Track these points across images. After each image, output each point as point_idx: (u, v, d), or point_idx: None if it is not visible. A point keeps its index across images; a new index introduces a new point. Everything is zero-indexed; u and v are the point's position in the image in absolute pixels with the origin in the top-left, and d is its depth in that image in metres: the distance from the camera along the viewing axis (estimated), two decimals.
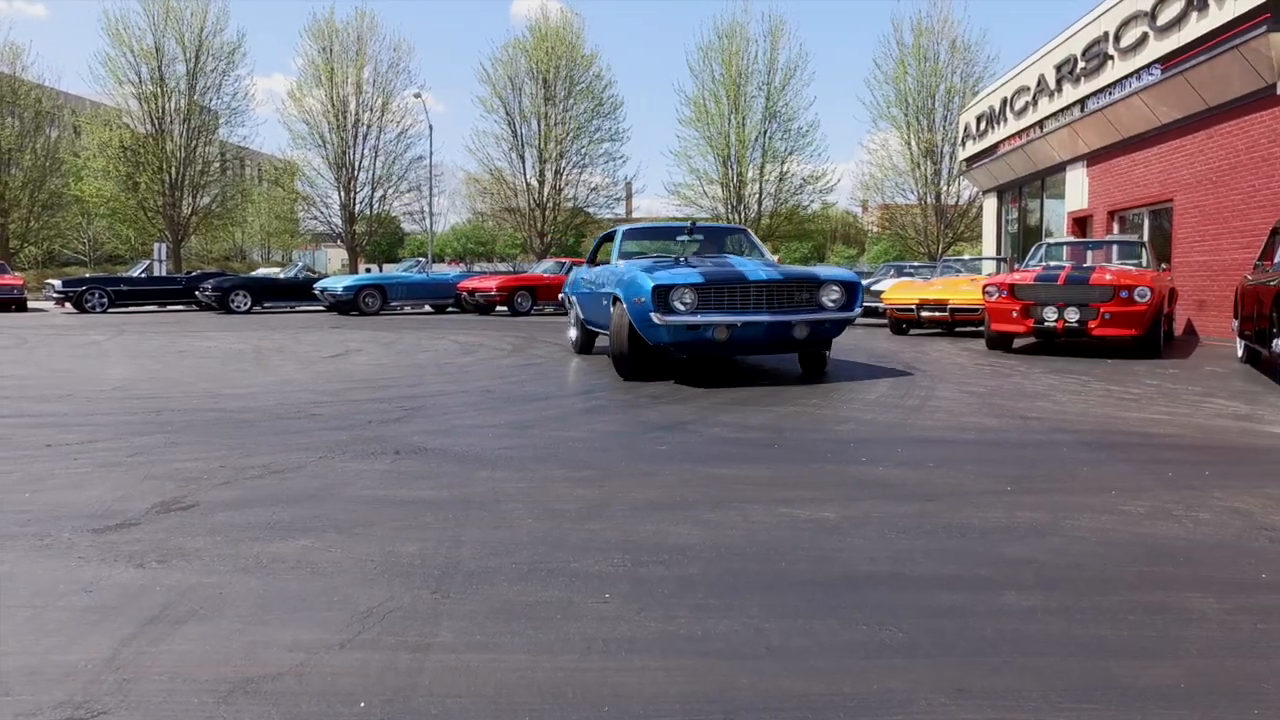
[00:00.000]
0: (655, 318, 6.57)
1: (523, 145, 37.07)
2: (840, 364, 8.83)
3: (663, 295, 6.67)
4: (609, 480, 3.84)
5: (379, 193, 37.78)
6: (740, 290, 6.86)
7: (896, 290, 13.79)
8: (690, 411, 5.72)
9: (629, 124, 69.73)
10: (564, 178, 37.39)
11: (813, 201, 36.78)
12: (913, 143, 33.14)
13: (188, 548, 2.85)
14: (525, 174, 37.20)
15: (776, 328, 6.82)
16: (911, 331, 13.55)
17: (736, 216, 34.46)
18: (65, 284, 21.51)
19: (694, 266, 7.16)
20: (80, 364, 8.88)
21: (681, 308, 6.69)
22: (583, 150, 37.34)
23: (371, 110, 36.71)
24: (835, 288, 7.09)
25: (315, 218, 39.00)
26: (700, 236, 8.76)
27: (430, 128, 47.02)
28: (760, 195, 35.50)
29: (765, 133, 34.92)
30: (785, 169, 35.33)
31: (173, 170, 33.80)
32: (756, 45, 34.60)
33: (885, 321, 14.20)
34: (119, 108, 33.75)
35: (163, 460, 4.21)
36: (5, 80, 33.99)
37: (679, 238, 8.65)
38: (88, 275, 26.74)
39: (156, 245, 30.05)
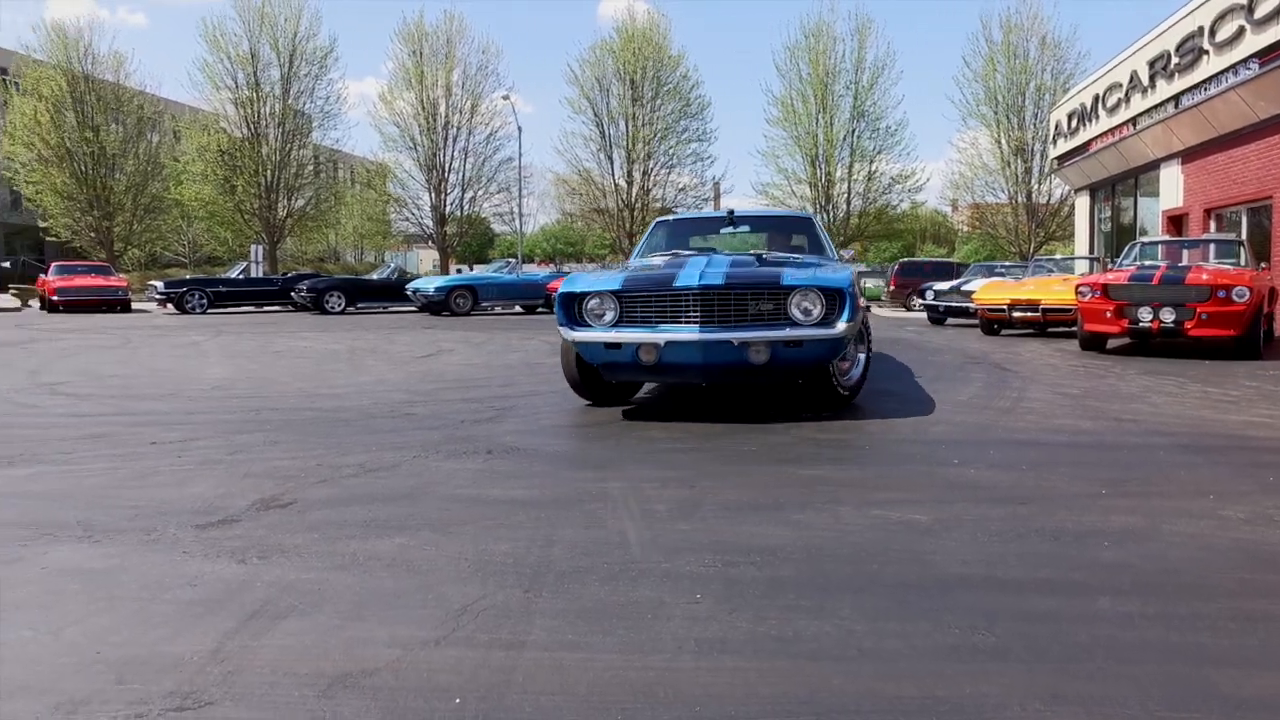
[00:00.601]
0: (565, 333, 5.42)
1: (611, 146, 37.38)
2: (929, 364, 8.64)
3: (575, 305, 5.42)
4: (699, 481, 3.81)
5: (469, 194, 38.57)
6: (670, 299, 5.24)
7: (988, 290, 13.66)
8: (774, 414, 5.65)
9: (716, 124, 69.54)
10: (652, 178, 37.56)
11: (902, 201, 36.45)
12: (1003, 141, 32.48)
13: (287, 544, 2.92)
14: (613, 175, 37.53)
15: (716, 349, 5.12)
16: (1003, 332, 13.30)
17: (826, 216, 34.29)
18: (167, 285, 22.46)
19: (623, 271, 5.84)
20: (181, 364, 9.26)
21: (594, 322, 5.38)
22: (670, 150, 37.50)
23: (461, 112, 37.47)
24: (811, 296, 5.15)
25: (407, 219, 40.02)
26: (746, 227, 7.38)
27: (519, 129, 47.71)
28: (849, 195, 35.23)
29: (853, 132, 34.62)
30: (874, 168, 35.03)
31: (268, 173, 35.02)
32: (843, 44, 34.32)
33: (976, 322, 13.98)
34: (216, 112, 35.07)
35: (261, 459, 4.34)
36: (109, 88, 35.10)
37: (722, 230, 7.34)
38: (188, 277, 27.81)
39: (253, 247, 31.20)
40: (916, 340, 12.26)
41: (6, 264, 36.39)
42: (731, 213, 7.35)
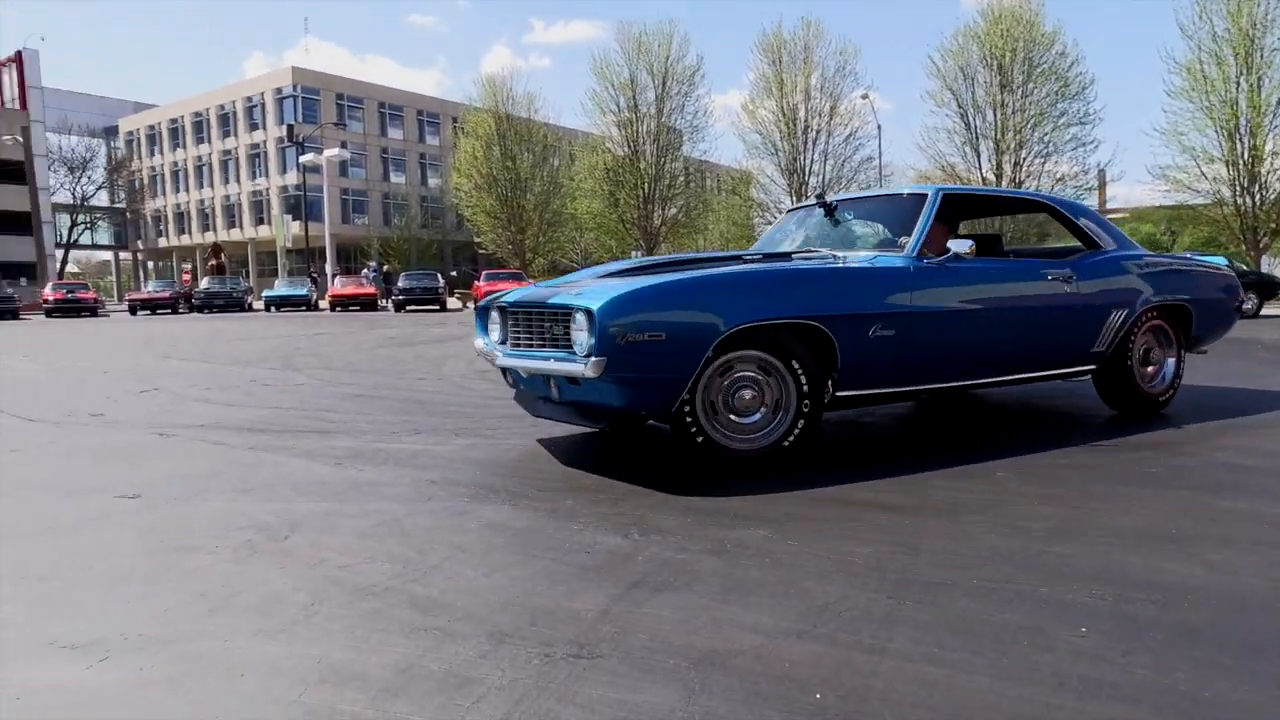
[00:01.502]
0: (478, 345, 4.85)
1: (977, 138, 35.12)
2: None
3: (483, 319, 4.88)
4: (1084, 501, 3.47)
5: None
6: (508, 318, 4.57)
7: None
8: (1185, 431, 4.96)
9: (1102, 103, 62.20)
10: (1025, 169, 34.64)
11: None
12: None
13: (663, 525, 3.16)
14: (980, 168, 35.22)
15: (520, 379, 4.50)
16: None
17: (1248, 200, 28.52)
18: None
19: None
20: None
21: (487, 339, 4.78)
22: (1046, 137, 34.23)
23: (820, 115, 37.63)
24: (579, 319, 3.86)
25: (769, 223, 41.01)
26: (850, 214, 5.54)
27: (878, 128, 46.77)
28: None
29: None
30: None
31: (645, 186, 38.36)
32: None
33: None
34: (603, 135, 39.30)
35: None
36: (523, 123, 42.40)
37: (820, 217, 5.66)
38: None
39: (634, 253, 34.15)
40: None
41: (454, 273, 45.13)
42: (820, 196, 5.74)
